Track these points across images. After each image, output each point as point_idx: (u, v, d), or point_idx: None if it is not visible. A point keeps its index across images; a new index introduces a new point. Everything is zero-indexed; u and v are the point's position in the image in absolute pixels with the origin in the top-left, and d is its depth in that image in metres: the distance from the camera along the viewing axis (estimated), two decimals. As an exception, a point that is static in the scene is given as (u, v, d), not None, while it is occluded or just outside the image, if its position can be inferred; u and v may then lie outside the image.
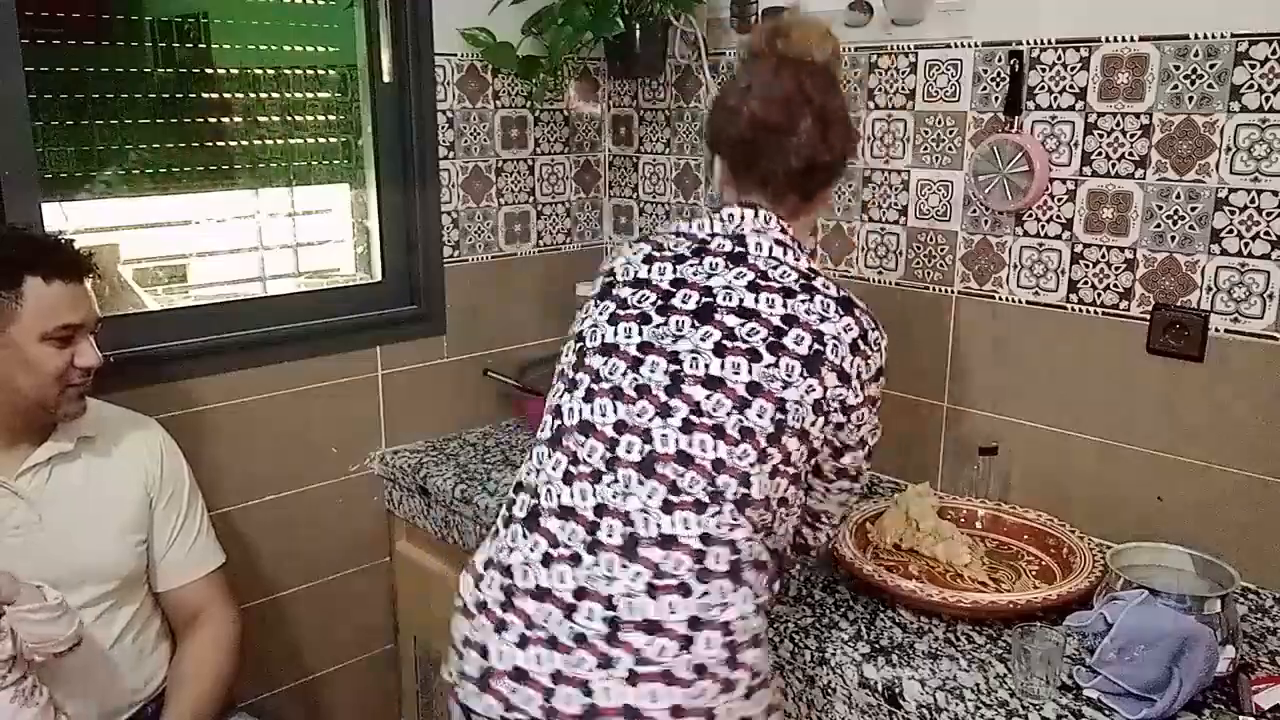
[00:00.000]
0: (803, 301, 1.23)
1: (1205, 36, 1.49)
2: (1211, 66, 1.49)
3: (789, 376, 1.19)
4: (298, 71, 2.11)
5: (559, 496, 1.21)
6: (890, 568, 1.56)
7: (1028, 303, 1.75)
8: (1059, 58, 1.64)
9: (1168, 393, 1.60)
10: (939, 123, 1.81)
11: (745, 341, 1.20)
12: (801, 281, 1.25)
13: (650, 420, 1.19)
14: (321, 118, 2.17)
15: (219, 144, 2.04)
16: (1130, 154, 1.59)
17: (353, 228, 2.22)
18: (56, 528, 1.48)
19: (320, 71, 2.16)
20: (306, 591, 2.09)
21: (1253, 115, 1.47)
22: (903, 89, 1.85)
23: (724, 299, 1.23)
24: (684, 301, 1.24)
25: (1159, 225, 1.58)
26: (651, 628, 1.13)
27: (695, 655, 1.13)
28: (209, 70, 2.00)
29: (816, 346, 1.20)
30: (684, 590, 1.14)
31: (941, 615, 1.46)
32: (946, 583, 1.53)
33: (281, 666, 2.11)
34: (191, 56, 1.98)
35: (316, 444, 2.05)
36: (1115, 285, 1.64)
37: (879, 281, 1.95)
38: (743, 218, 1.28)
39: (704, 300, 1.24)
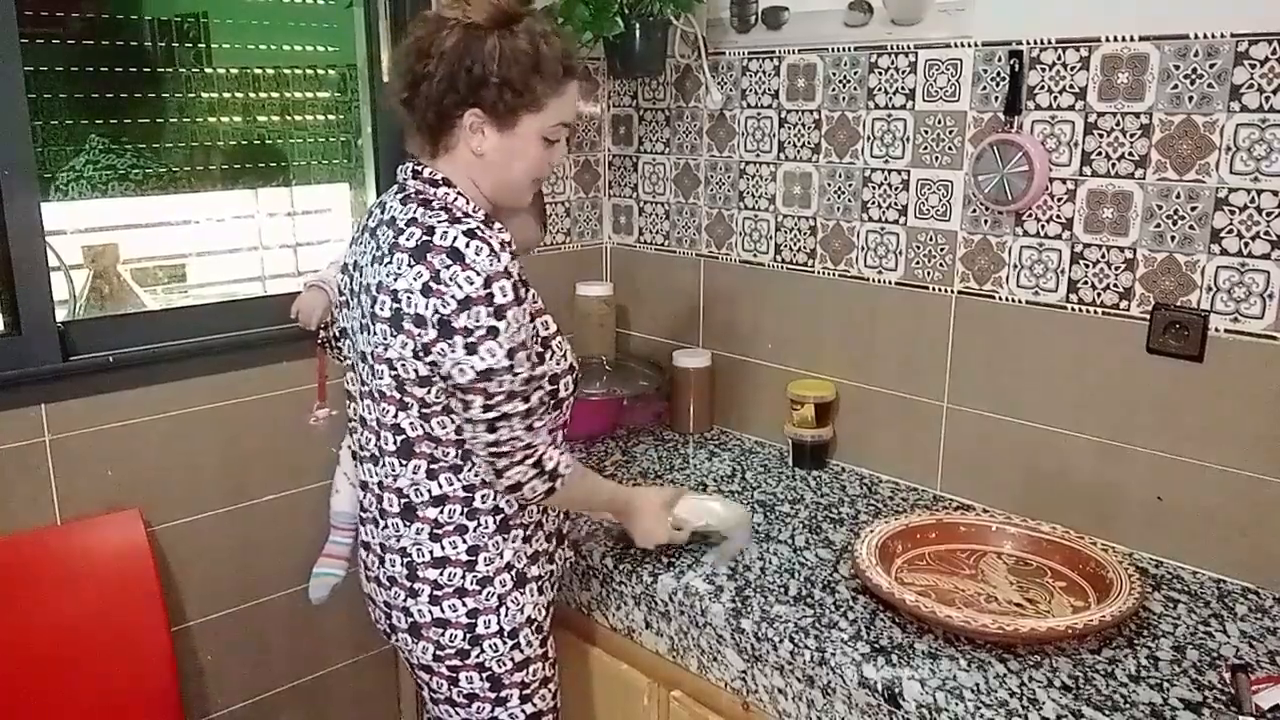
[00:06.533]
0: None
1: (1205, 36, 1.49)
2: (1211, 66, 1.49)
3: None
4: (298, 71, 2.11)
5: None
6: (922, 593, 1.50)
7: (1028, 303, 1.75)
8: (1059, 58, 1.64)
9: (1168, 393, 1.60)
10: (939, 123, 1.81)
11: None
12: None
13: None
14: (321, 117, 2.17)
15: (219, 144, 2.04)
16: (1130, 154, 1.59)
17: (352, 227, 2.22)
18: None
19: (320, 71, 2.16)
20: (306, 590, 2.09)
21: (1253, 115, 1.47)
22: (903, 89, 1.85)
23: None
24: None
25: (1159, 225, 1.58)
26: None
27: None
28: (209, 70, 2.00)
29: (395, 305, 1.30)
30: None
31: (994, 645, 1.39)
32: (982, 606, 1.49)
33: (282, 666, 2.12)
34: (191, 56, 1.99)
35: (318, 442, 2.05)
36: (1115, 285, 1.64)
37: (879, 281, 1.95)
38: None
39: None
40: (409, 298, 1.28)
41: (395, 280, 1.29)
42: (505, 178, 1.39)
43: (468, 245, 1.27)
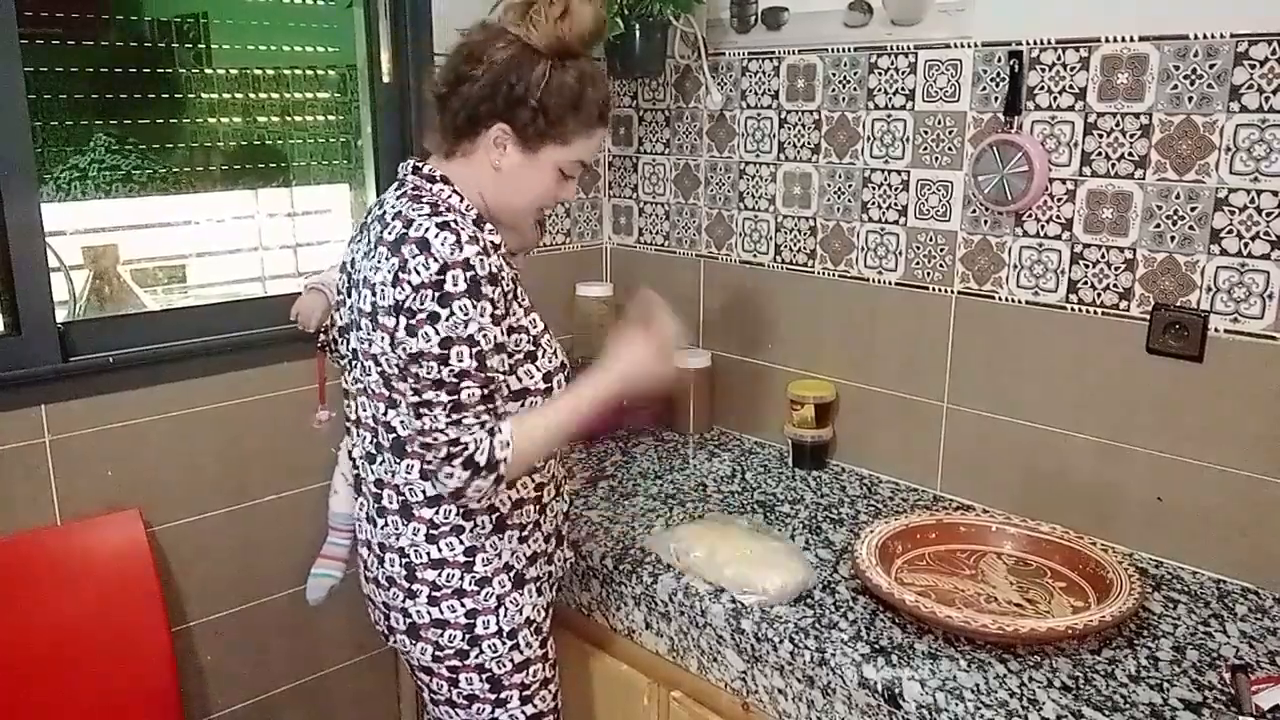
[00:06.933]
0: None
1: (1205, 36, 1.49)
2: (1211, 66, 1.49)
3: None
4: (298, 71, 2.11)
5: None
6: (922, 593, 1.49)
7: (1027, 303, 1.75)
8: (1059, 58, 1.64)
9: (1168, 393, 1.60)
10: (939, 123, 1.81)
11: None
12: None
13: None
14: (321, 118, 2.17)
15: (219, 144, 2.04)
16: (1130, 154, 1.59)
17: (352, 228, 2.22)
18: None
19: (320, 71, 2.16)
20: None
21: (1253, 115, 1.47)
22: (902, 89, 1.85)
23: None
24: None
25: (1159, 225, 1.58)
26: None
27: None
28: (209, 70, 2.00)
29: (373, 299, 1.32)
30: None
31: (994, 646, 1.40)
32: (981, 606, 1.49)
33: (282, 666, 2.12)
34: (191, 57, 1.99)
35: (318, 442, 2.05)
36: (1115, 285, 1.64)
37: (879, 281, 1.95)
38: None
39: None
40: (383, 290, 1.29)
41: (375, 274, 1.31)
42: (512, 198, 1.40)
43: (436, 235, 1.28)
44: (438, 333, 1.26)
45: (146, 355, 1.82)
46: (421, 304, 1.26)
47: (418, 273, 1.26)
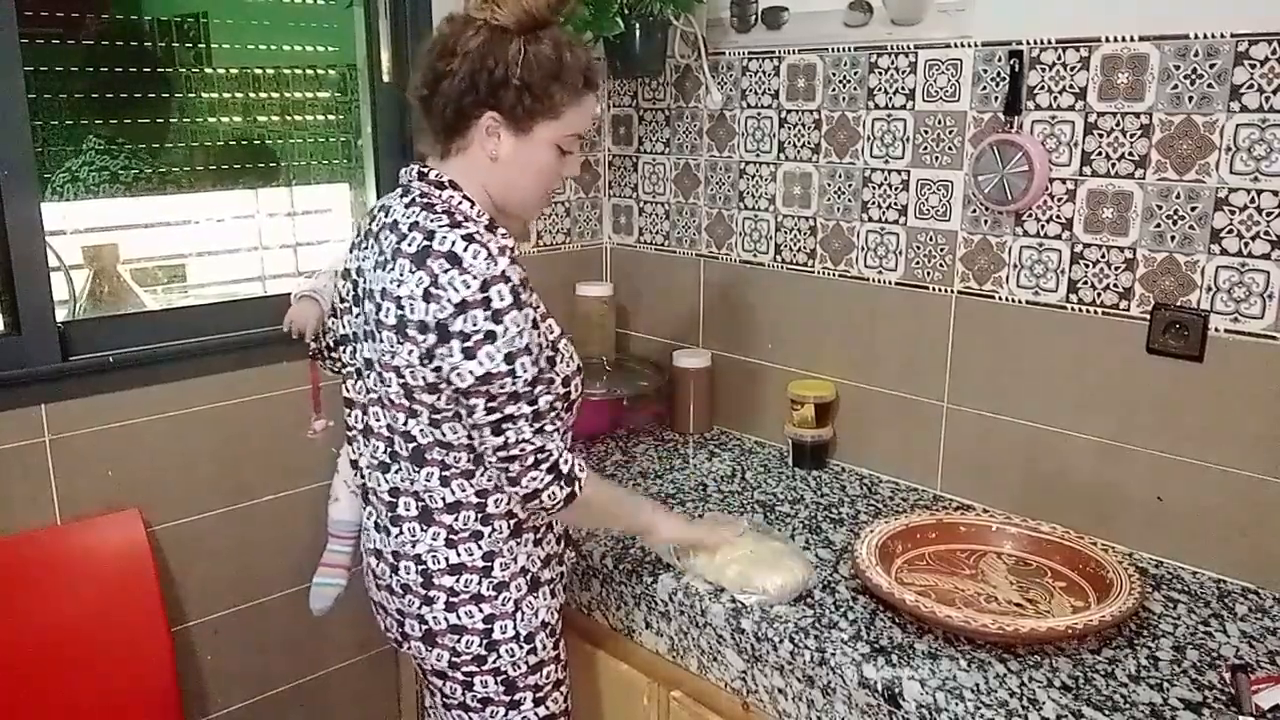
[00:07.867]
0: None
1: (1205, 36, 1.49)
2: (1211, 66, 1.49)
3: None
4: (298, 71, 2.11)
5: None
6: (922, 593, 1.49)
7: (1028, 302, 1.75)
8: (1059, 58, 1.64)
9: (1168, 393, 1.60)
10: (939, 123, 1.81)
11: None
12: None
13: None
14: (321, 117, 2.18)
15: (219, 144, 2.05)
16: (1130, 154, 1.59)
17: (353, 228, 2.23)
18: None
19: (320, 71, 2.16)
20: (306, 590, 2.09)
21: (1253, 115, 1.47)
22: (903, 89, 1.85)
23: None
24: None
25: (1159, 225, 1.58)
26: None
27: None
28: (209, 70, 2.00)
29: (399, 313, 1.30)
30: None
31: (994, 645, 1.40)
32: (981, 606, 1.48)
33: (282, 666, 2.12)
34: (191, 56, 1.99)
35: (317, 445, 2.05)
36: (1115, 285, 1.64)
37: (879, 281, 1.95)
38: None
39: None
40: (411, 304, 1.26)
41: (398, 287, 1.28)
42: (517, 184, 1.38)
43: (466, 249, 1.26)
44: (499, 350, 1.26)
45: (146, 355, 1.82)
46: (474, 325, 1.24)
47: (455, 289, 1.24)
